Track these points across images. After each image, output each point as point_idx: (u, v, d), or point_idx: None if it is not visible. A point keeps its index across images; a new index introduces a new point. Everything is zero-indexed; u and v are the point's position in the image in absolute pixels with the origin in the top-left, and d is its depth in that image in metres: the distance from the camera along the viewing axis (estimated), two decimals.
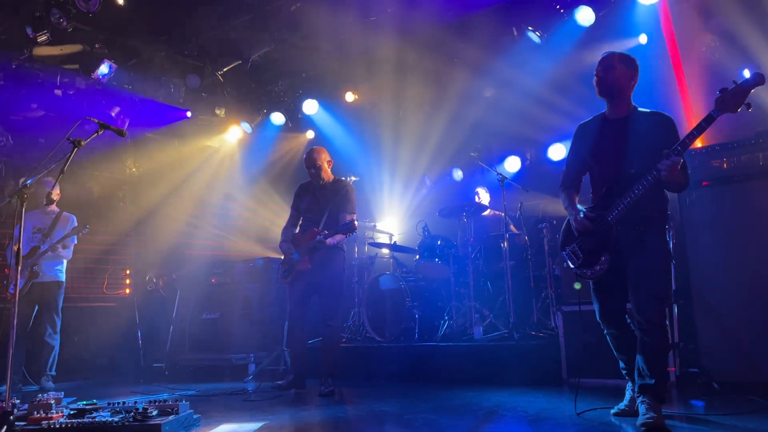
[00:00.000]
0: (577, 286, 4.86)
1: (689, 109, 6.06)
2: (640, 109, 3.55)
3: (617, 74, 3.49)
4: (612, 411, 3.64)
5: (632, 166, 3.36)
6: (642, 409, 3.29)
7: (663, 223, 3.51)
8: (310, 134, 9.25)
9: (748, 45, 5.69)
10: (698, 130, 3.16)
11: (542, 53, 6.74)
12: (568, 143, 7.77)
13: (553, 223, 6.60)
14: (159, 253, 8.65)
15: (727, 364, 4.40)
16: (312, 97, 8.47)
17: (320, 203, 5.26)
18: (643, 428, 3.17)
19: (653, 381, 3.31)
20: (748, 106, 3.07)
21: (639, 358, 3.38)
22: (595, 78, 3.56)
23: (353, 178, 7.78)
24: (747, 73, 3.13)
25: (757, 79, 3.05)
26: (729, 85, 3.11)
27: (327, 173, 5.32)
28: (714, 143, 4.68)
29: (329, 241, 5.00)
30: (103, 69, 7.10)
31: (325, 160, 5.30)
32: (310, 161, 5.29)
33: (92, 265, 7.78)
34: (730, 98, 3.08)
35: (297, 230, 5.44)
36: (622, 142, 3.45)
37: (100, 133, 4.27)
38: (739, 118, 3.34)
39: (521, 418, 3.73)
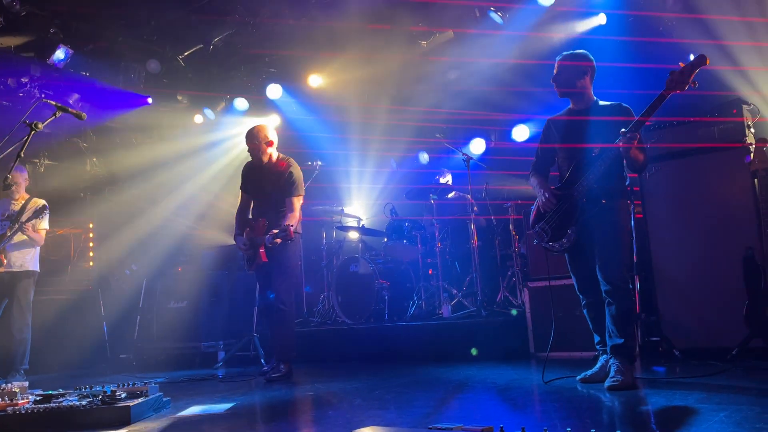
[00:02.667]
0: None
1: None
2: (601, 102, 3.81)
3: (568, 76, 3.78)
4: (578, 377, 3.73)
5: (594, 149, 3.60)
6: (611, 371, 3.47)
7: (623, 197, 3.75)
8: (275, 119, 9.16)
9: (708, 21, 5.78)
10: (651, 109, 3.41)
11: (505, 34, 6.79)
12: (532, 124, 7.94)
13: (518, 202, 6.69)
14: (123, 243, 8.50)
15: (686, 332, 4.56)
16: (276, 82, 8.38)
17: (265, 188, 5.09)
18: (609, 390, 3.35)
19: (622, 341, 3.52)
20: (695, 84, 3.33)
21: (608, 321, 3.60)
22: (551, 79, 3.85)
23: (319, 163, 7.74)
24: (692, 57, 3.42)
25: (700, 60, 3.32)
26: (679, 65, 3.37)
27: (266, 153, 5.07)
28: (671, 118, 4.80)
29: (278, 240, 4.67)
30: (59, 54, 6.91)
31: (264, 139, 5.06)
32: (248, 138, 5.10)
33: (54, 257, 7.59)
34: (677, 78, 3.35)
35: (249, 215, 5.26)
36: (585, 130, 3.70)
37: (57, 116, 4.17)
38: (695, 93, 3.51)
39: (491, 388, 3.80)
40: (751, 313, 4.15)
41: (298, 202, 5.00)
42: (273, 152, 5.14)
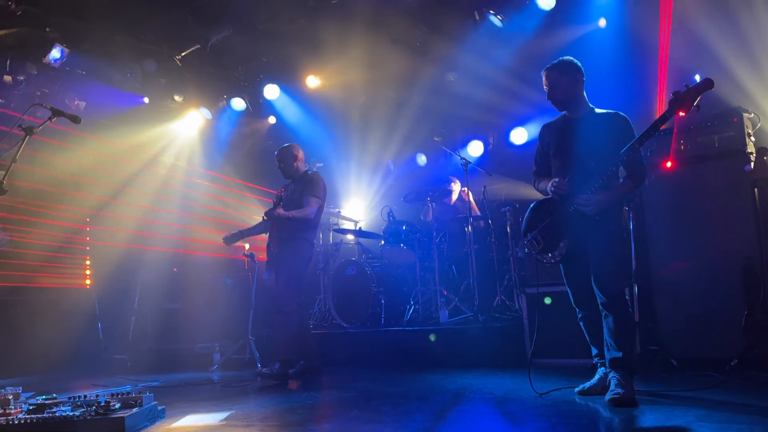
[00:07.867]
0: (548, 300, 5.17)
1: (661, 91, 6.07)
2: (597, 110, 3.75)
3: (563, 88, 3.72)
4: (577, 389, 3.71)
5: (591, 160, 3.53)
6: (612, 384, 3.43)
7: (618, 207, 3.71)
8: (271, 120, 9.11)
9: (704, 38, 5.73)
10: (653, 129, 3.38)
11: (504, 37, 6.76)
12: (530, 127, 7.92)
13: (516, 206, 6.67)
14: (119, 242, 8.44)
15: (684, 341, 4.54)
16: (273, 82, 8.33)
17: (292, 197, 5.44)
18: (610, 403, 3.31)
19: (621, 354, 3.47)
20: (698, 107, 3.30)
21: (606, 334, 3.56)
22: (546, 95, 3.79)
23: (318, 164, 7.72)
24: (698, 78, 3.38)
25: (707, 84, 3.29)
26: (682, 87, 3.32)
27: (294, 169, 5.51)
28: (672, 126, 4.77)
29: (288, 213, 5.12)
30: (55, 53, 6.86)
31: (292, 156, 5.51)
32: (279, 157, 5.53)
33: (51, 254, 7.54)
34: (682, 100, 3.31)
35: None
36: (581, 138, 3.64)
37: (53, 120, 4.14)
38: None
39: (488, 399, 3.77)
40: (749, 323, 4.14)
41: (314, 201, 5.30)
42: (301, 166, 5.58)
